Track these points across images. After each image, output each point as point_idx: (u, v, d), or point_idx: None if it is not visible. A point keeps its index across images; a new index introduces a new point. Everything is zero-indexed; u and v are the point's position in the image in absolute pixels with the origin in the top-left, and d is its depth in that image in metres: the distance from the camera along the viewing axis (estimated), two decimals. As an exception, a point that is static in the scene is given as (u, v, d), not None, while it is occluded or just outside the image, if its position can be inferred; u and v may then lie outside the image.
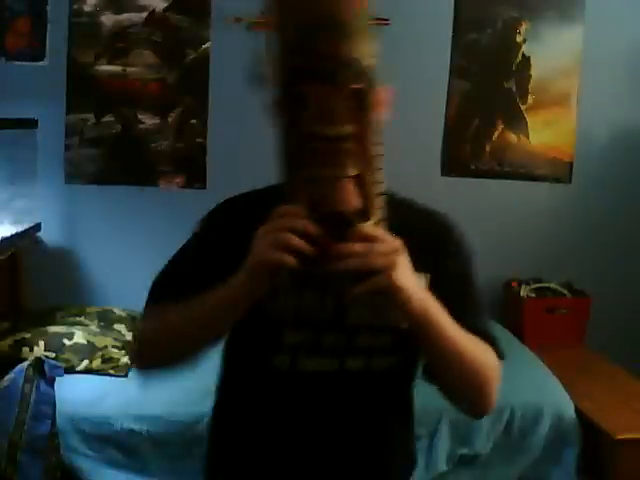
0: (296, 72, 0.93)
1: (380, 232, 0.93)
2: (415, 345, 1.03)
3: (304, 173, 0.94)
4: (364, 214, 0.94)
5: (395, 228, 0.95)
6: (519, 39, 3.42)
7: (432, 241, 1.10)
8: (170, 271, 1.16)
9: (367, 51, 0.93)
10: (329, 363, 1.07)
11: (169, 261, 1.18)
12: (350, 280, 0.90)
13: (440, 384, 1.08)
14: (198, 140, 3.35)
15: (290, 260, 0.89)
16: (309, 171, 0.94)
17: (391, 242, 0.92)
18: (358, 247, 0.90)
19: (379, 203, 0.95)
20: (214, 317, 1.01)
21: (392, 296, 0.92)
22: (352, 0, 0.92)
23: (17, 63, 3.20)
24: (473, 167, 3.49)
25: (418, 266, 0.97)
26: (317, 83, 0.91)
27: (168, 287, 1.13)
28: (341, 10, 0.90)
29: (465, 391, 1.07)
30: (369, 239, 0.91)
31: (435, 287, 1.02)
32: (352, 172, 0.93)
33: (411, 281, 0.93)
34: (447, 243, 1.13)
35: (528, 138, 3.47)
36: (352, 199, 0.96)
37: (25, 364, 2.31)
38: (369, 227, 0.93)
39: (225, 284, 0.98)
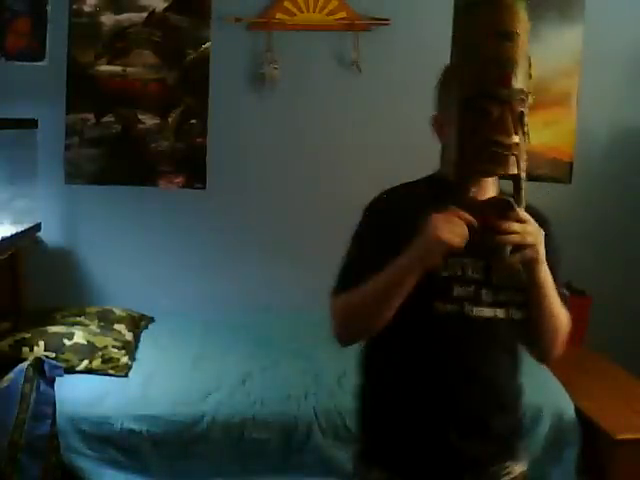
0: (483, 94, 1.25)
1: (529, 217, 1.27)
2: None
3: (482, 169, 1.29)
4: (517, 202, 1.27)
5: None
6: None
7: (541, 227, 1.40)
8: (351, 261, 1.44)
9: (527, 84, 1.27)
10: (486, 311, 1.39)
11: (347, 253, 1.45)
12: (505, 250, 1.25)
13: (530, 332, 1.43)
14: (198, 140, 3.35)
15: (460, 243, 1.25)
16: (487, 168, 1.28)
17: (536, 225, 1.28)
18: (517, 227, 1.24)
19: (526, 195, 1.29)
20: (399, 283, 1.32)
21: (533, 265, 1.30)
22: (522, 46, 1.25)
23: (17, 63, 3.20)
24: (473, 167, 3.48)
25: None
26: (498, 103, 1.24)
27: (354, 273, 1.41)
28: (516, 53, 1.24)
29: (548, 336, 1.43)
30: (523, 221, 1.25)
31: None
32: (514, 171, 1.26)
33: (544, 255, 1.30)
34: (548, 229, 1.42)
35: (528, 138, 3.47)
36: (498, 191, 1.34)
37: (25, 364, 2.31)
38: (522, 212, 1.26)
39: (403, 257, 1.30)
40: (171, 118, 3.32)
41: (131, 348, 2.80)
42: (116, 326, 2.91)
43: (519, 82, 1.25)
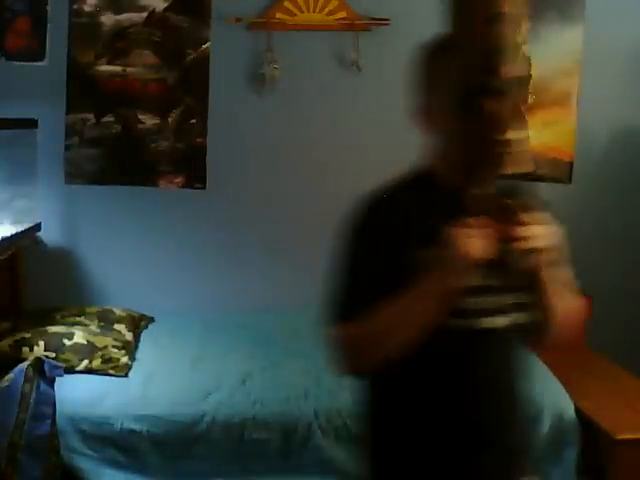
0: (479, 88, 1.14)
1: (537, 218, 1.18)
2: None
3: (484, 171, 1.18)
4: (524, 203, 1.20)
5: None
6: (519, 39, 3.41)
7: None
8: (353, 284, 1.30)
9: (525, 66, 1.19)
10: (502, 320, 1.29)
11: (344, 275, 1.30)
12: (518, 258, 1.17)
13: (542, 326, 1.34)
14: (198, 140, 3.35)
15: (486, 257, 1.16)
16: (488, 170, 1.18)
17: (546, 224, 1.19)
18: (529, 232, 1.15)
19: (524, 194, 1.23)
20: (423, 307, 1.21)
21: (547, 267, 1.21)
22: (512, 26, 1.16)
23: (17, 63, 3.20)
24: (473, 167, 3.48)
25: None
26: (495, 98, 1.13)
27: (360, 298, 1.27)
28: (507, 37, 1.14)
29: (559, 328, 1.35)
30: (533, 224, 1.16)
31: None
32: (528, 169, 1.17)
33: (557, 254, 1.22)
34: (550, 212, 1.33)
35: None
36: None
37: (25, 364, 2.31)
38: (531, 215, 1.17)
39: (426, 279, 1.19)
40: (171, 118, 3.32)
41: (131, 348, 2.80)
42: (116, 326, 2.91)
43: (514, 69, 1.15)
